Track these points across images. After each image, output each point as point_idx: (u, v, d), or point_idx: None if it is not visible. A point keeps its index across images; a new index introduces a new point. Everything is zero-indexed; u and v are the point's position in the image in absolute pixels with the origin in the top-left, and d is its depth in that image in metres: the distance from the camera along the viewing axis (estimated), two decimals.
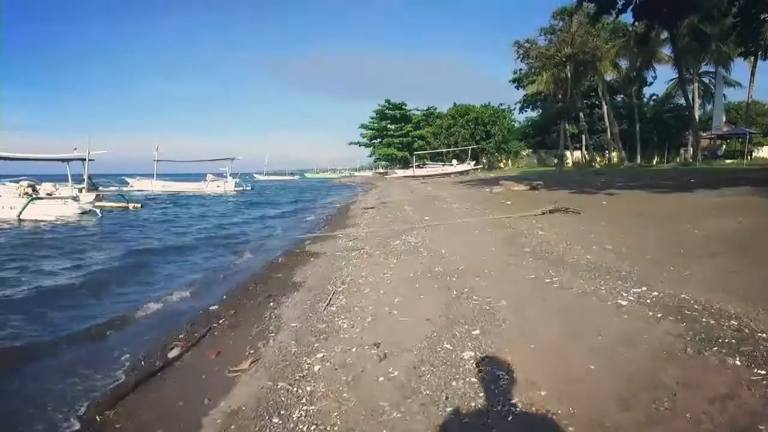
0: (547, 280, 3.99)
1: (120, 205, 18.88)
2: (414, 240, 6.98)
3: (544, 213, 8.55)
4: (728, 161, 30.73)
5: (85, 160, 22.20)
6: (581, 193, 12.66)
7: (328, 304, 4.05)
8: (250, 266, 6.66)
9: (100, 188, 26.99)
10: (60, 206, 15.77)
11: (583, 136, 42.62)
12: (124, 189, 32.88)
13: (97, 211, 15.71)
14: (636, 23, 28.97)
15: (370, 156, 61.23)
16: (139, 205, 19.30)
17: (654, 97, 47.01)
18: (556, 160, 47.44)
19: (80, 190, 17.32)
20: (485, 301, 3.60)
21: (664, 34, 28.58)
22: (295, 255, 7.15)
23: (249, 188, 35.83)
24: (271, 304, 4.38)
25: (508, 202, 11.28)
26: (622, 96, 43.08)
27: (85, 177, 18.70)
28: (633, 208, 8.49)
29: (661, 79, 72.09)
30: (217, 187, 33.09)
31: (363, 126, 57.28)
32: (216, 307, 4.58)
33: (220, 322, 4.05)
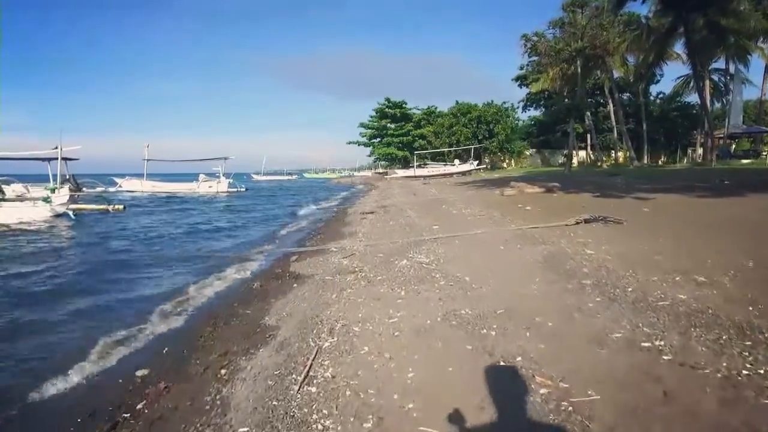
0: (646, 344, 2.57)
1: (99, 207, 17.41)
2: (425, 258, 5.56)
3: (578, 223, 7.15)
4: (744, 161, 29.39)
5: (57, 159, 20.86)
6: (606, 196, 11.27)
7: (305, 379, 2.63)
8: (215, 294, 5.21)
9: (84, 188, 25.59)
10: (28, 209, 14.35)
11: (589, 136, 41.29)
12: (111, 189, 31.44)
13: (71, 213, 14.27)
14: (649, 15, 27.72)
15: (369, 156, 59.79)
16: (121, 207, 17.87)
17: (660, 96, 45.73)
18: (561, 160, 46.07)
19: (53, 191, 15.83)
20: (561, 390, 2.18)
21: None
22: (275, 278, 5.71)
23: (243, 189, 34.32)
24: (223, 371, 2.95)
25: (527, 208, 9.87)
26: (628, 94, 41.73)
27: (59, 176, 17.29)
28: (686, 217, 7.09)
29: (668, 77, 71.02)
30: (209, 187, 31.62)
31: (362, 125, 55.80)
32: (146, 372, 3.15)
33: (138, 407, 2.62)
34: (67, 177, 23.55)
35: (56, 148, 23.88)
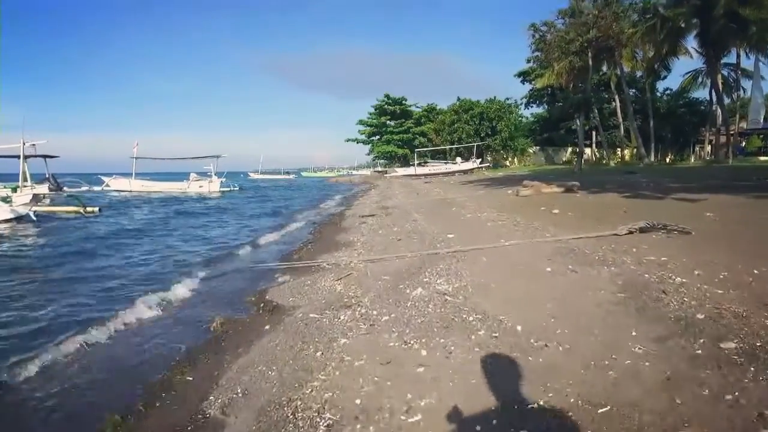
0: None
1: (71, 209, 15.87)
2: (446, 285, 4.11)
3: (631, 232, 5.70)
4: (762, 158, 28.07)
5: (34, 156, 19.57)
6: (639, 197, 9.86)
7: None
8: (149, 343, 3.70)
9: (66, 188, 24.05)
10: None
11: (594, 133, 39.93)
12: (96, 189, 29.86)
13: (32, 215, 12.76)
14: (663, 1, 26.17)
15: (368, 154, 58.19)
16: (96, 209, 16.36)
17: (667, 92, 44.33)
18: (566, 157, 44.77)
19: (14, 189, 14.28)
20: None
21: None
22: (244, 310, 4.26)
23: (236, 188, 32.80)
24: None
25: (555, 211, 8.42)
26: (633, 90, 40.33)
27: (21, 174, 15.75)
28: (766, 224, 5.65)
29: (674, 73, 69.51)
30: (200, 187, 30.06)
31: (361, 122, 54.25)
32: None
33: None
34: (47, 176, 22.15)
35: (34, 144, 22.53)
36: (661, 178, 15.21)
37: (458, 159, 41.83)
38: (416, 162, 42.68)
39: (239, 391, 2.56)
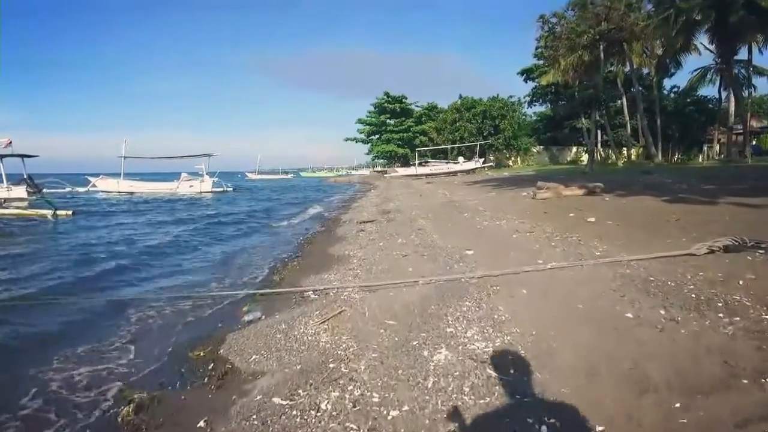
0: None
1: (41, 212, 14.46)
2: (481, 342, 2.75)
3: (712, 251, 4.35)
4: None
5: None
6: (680, 201, 8.53)
7: None
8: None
9: (45, 189, 22.63)
10: None
11: (600, 132, 38.63)
12: (81, 190, 28.41)
13: None
14: None
15: (368, 153, 56.72)
16: (70, 213, 14.97)
17: (675, 90, 43.08)
18: (573, 156, 43.49)
19: None
20: None
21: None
22: (177, 384, 2.87)
23: (230, 188, 31.35)
24: None
25: (591, 219, 7.05)
26: (641, 88, 39.02)
27: None
28: None
29: (680, 71, 68.31)
30: (191, 187, 28.60)
31: (360, 121, 52.78)
32: None
33: None
34: (25, 176, 20.74)
35: (10, 142, 21.15)
36: (686, 179, 13.86)
37: (460, 158, 40.48)
38: (417, 161, 41.30)
39: None
